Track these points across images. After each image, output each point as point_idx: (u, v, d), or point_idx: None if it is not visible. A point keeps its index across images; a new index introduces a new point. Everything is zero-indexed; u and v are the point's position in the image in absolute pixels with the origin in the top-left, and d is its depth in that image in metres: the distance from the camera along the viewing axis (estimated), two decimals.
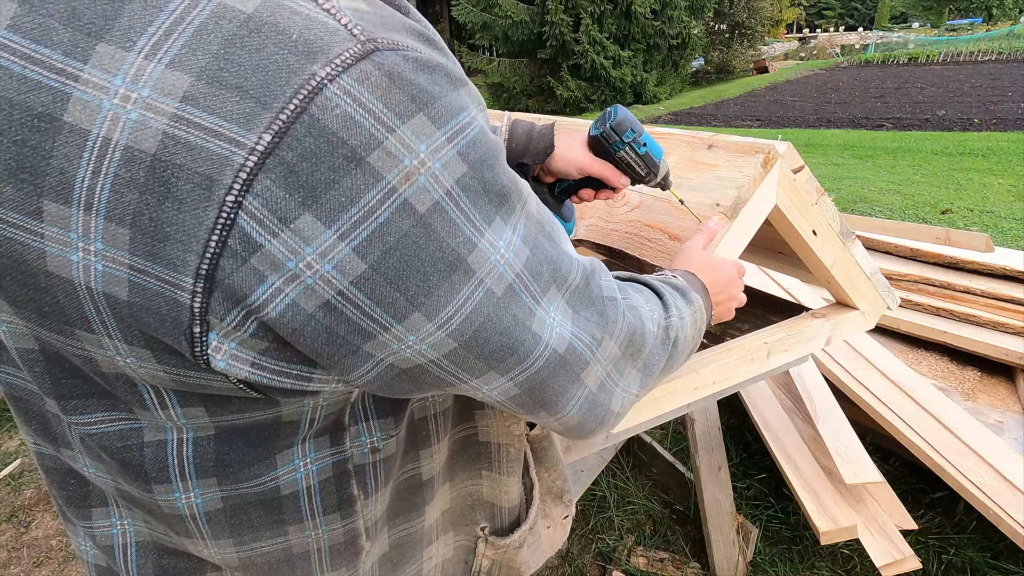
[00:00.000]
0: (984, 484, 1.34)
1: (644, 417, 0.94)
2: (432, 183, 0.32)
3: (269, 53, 0.29)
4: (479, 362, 0.39)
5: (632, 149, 0.74)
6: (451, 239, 0.34)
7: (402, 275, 0.33)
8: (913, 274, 2.09)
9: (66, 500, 0.50)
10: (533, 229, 0.40)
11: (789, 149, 0.87)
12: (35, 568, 1.76)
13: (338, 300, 0.32)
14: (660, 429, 2.18)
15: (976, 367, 1.86)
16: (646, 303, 0.54)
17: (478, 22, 14.51)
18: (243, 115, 0.29)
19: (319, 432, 0.46)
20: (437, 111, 0.32)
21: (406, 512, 0.58)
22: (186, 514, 0.44)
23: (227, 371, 0.34)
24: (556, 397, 0.45)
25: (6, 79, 0.29)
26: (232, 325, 0.32)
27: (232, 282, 0.31)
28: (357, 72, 0.30)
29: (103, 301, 0.32)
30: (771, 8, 19.37)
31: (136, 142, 0.29)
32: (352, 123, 0.30)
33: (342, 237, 0.31)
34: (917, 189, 5.17)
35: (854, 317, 1.10)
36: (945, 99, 10.90)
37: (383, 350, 0.36)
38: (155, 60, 0.29)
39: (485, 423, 0.63)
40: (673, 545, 1.72)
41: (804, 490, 1.40)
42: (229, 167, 0.29)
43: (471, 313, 0.36)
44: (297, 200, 0.30)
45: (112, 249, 0.30)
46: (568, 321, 0.43)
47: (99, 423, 0.41)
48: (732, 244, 0.86)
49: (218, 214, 0.29)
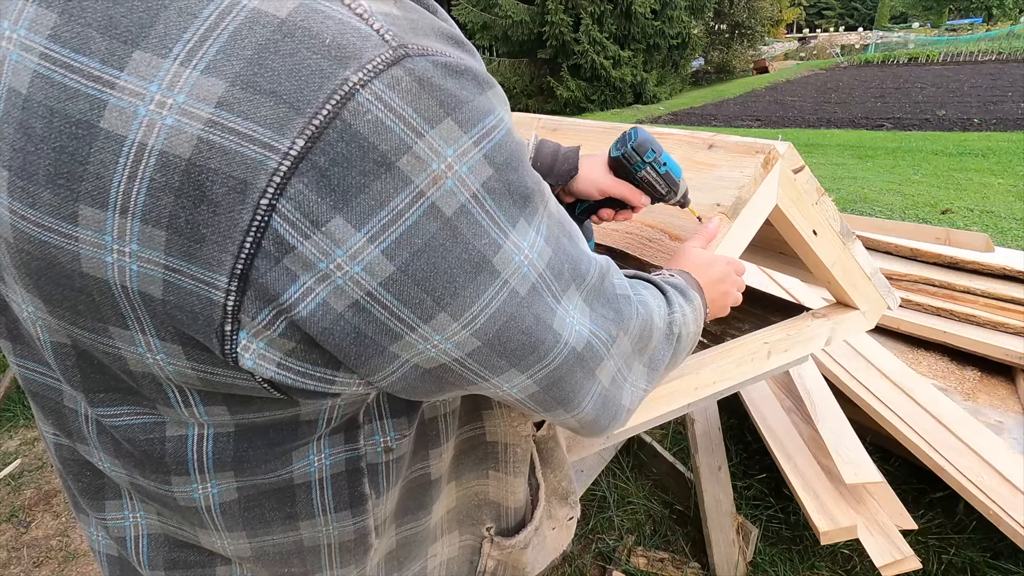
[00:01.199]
0: (984, 484, 1.34)
1: (644, 417, 0.94)
2: (459, 186, 0.33)
3: (303, 58, 0.30)
4: (501, 360, 0.40)
5: (653, 169, 0.75)
6: (477, 241, 0.35)
7: (429, 276, 0.34)
8: (913, 274, 2.09)
9: (81, 491, 0.51)
10: (555, 229, 0.41)
11: (789, 149, 0.87)
12: (35, 568, 1.76)
13: (367, 300, 0.33)
14: (660, 429, 2.18)
15: (976, 367, 1.86)
16: (653, 299, 0.55)
17: (478, 22, 14.51)
18: (277, 120, 0.29)
19: (334, 430, 0.47)
20: (465, 115, 0.33)
21: (414, 511, 0.59)
22: (202, 505, 0.46)
23: (254, 370, 0.35)
24: (573, 393, 0.46)
25: (48, 88, 0.30)
26: (263, 324, 0.33)
27: (265, 281, 0.32)
28: (388, 78, 0.31)
29: (138, 299, 0.33)
30: (771, 8, 19.38)
31: (171, 147, 0.29)
32: (383, 128, 0.30)
33: (371, 239, 0.32)
34: (917, 189, 5.18)
35: (854, 317, 1.10)
36: (945, 99, 10.90)
37: (409, 350, 0.36)
38: (190, 66, 0.30)
39: (493, 423, 0.63)
40: (673, 545, 1.72)
41: (804, 490, 1.41)
42: (263, 171, 0.30)
43: (495, 312, 0.37)
44: (329, 203, 0.30)
45: (148, 251, 0.31)
46: (586, 319, 0.44)
47: (124, 415, 0.42)
48: (732, 244, 0.86)
49: (252, 216, 0.30)
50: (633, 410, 0.54)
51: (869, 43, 25.37)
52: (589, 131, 1.18)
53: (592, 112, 13.67)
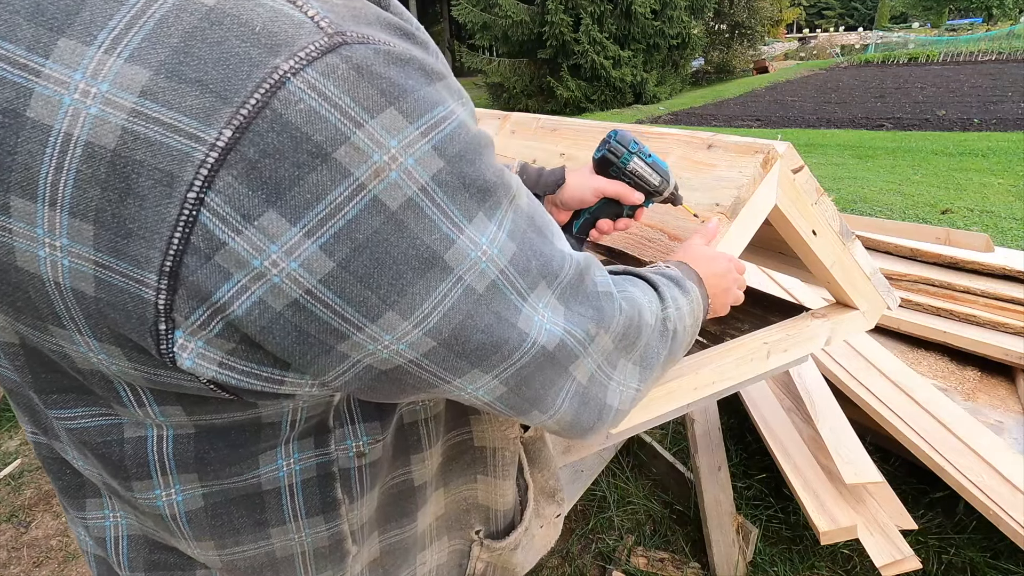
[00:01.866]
0: (984, 484, 1.34)
1: (644, 417, 0.94)
2: (404, 179, 0.32)
3: (231, 46, 0.29)
4: (461, 361, 0.38)
5: (640, 159, 0.76)
6: (426, 236, 0.33)
7: (373, 273, 0.32)
8: (913, 274, 2.09)
9: (62, 490, 0.50)
10: (522, 224, 0.39)
11: (789, 149, 0.87)
12: (35, 568, 1.76)
13: (307, 299, 0.32)
14: (660, 429, 2.18)
15: (976, 367, 1.86)
16: (643, 295, 0.53)
17: (478, 22, 14.50)
18: (203, 110, 0.28)
19: (303, 434, 0.46)
20: (409, 105, 0.32)
21: (398, 518, 0.57)
22: (166, 513, 0.44)
23: (194, 370, 0.34)
24: (544, 392, 0.44)
25: None
26: (198, 323, 0.32)
27: (196, 279, 0.30)
28: (323, 66, 0.29)
29: (71, 297, 0.32)
30: (771, 8, 19.37)
31: (96, 137, 0.28)
32: (317, 118, 0.29)
33: (308, 234, 0.30)
34: (917, 189, 5.17)
35: (854, 317, 1.10)
36: (945, 99, 10.89)
37: (358, 350, 0.35)
38: (115, 54, 0.29)
39: (480, 428, 0.62)
40: (673, 545, 1.72)
41: (804, 490, 1.40)
42: (190, 163, 0.28)
43: (449, 311, 0.35)
44: (261, 197, 0.29)
45: (77, 245, 0.30)
46: (559, 317, 0.42)
47: (79, 418, 0.41)
48: (732, 244, 0.86)
49: (179, 210, 0.29)
50: (626, 410, 0.53)
51: (869, 43, 25.37)
52: (589, 131, 1.18)
53: (592, 112, 13.67)
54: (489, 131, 1.46)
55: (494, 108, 3.84)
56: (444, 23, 25.24)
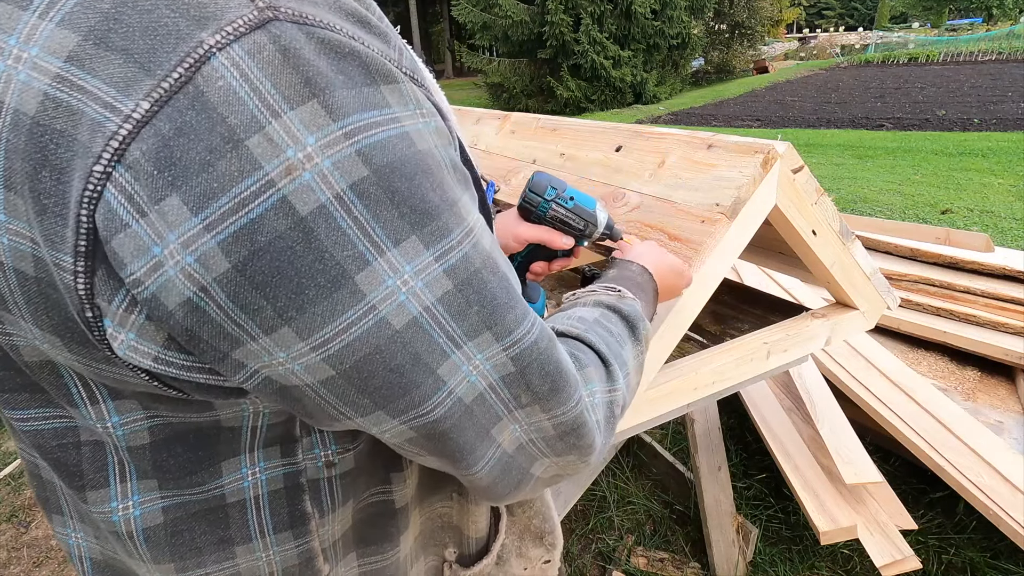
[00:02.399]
0: (984, 484, 1.34)
1: (644, 417, 0.94)
2: (318, 182, 0.28)
3: (160, 16, 0.27)
4: (363, 398, 0.34)
5: (559, 205, 0.72)
6: (337, 251, 0.30)
7: (270, 282, 0.29)
8: (913, 274, 2.09)
9: (38, 500, 0.47)
10: (476, 263, 0.35)
11: (789, 149, 0.87)
12: (35, 568, 1.76)
13: (200, 297, 0.29)
14: (660, 429, 2.18)
15: (976, 367, 1.86)
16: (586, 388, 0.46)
17: (478, 22, 14.50)
18: (124, 80, 0.27)
19: (268, 442, 0.43)
20: (337, 102, 0.29)
21: (379, 542, 0.54)
22: (122, 529, 0.41)
23: (129, 362, 0.32)
24: (461, 453, 0.39)
25: None
26: (122, 309, 0.30)
27: (108, 262, 0.28)
28: (249, 43, 0.27)
29: (14, 278, 0.30)
30: (771, 8, 19.37)
31: (22, 104, 0.27)
32: (236, 100, 0.27)
33: (208, 228, 0.27)
34: (917, 189, 5.17)
35: (854, 317, 1.10)
36: (945, 99, 10.90)
37: (254, 360, 0.32)
38: (47, 18, 0.27)
39: None
40: (673, 545, 1.72)
41: (804, 490, 1.40)
42: (101, 133, 0.26)
43: (354, 341, 0.31)
44: (167, 178, 0.27)
45: (14, 221, 0.29)
46: (498, 375, 0.37)
47: (32, 419, 0.38)
48: (732, 244, 0.86)
49: (85, 184, 0.27)
50: (546, 484, 0.47)
51: (869, 43, 25.37)
52: (589, 131, 1.18)
53: (592, 112, 13.66)
54: (489, 131, 1.46)
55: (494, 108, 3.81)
56: (444, 23, 25.25)
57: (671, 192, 0.93)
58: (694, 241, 0.84)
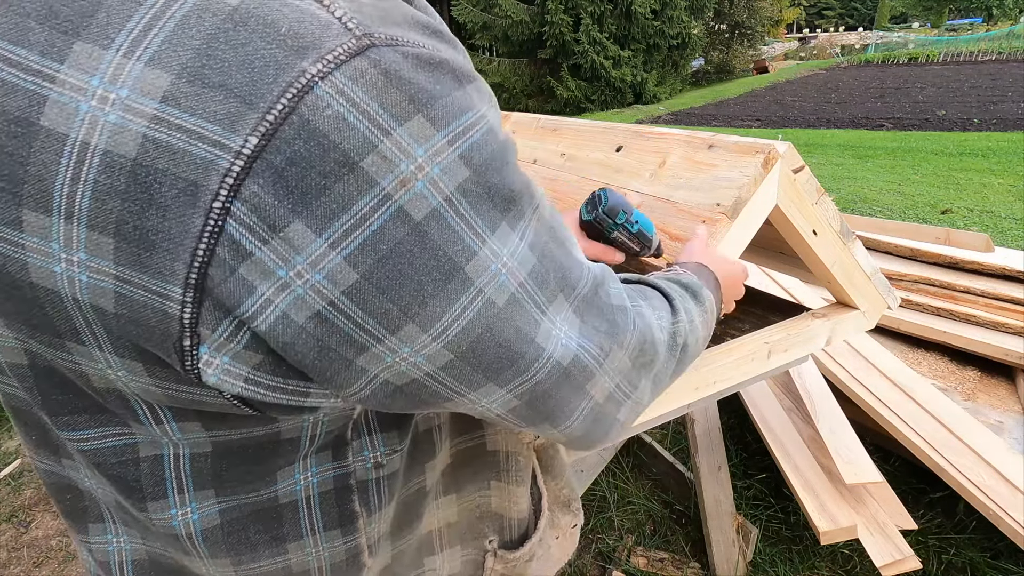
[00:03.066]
0: (984, 484, 1.34)
1: (644, 417, 0.94)
2: (430, 189, 0.31)
3: (255, 48, 0.27)
4: (476, 374, 0.37)
5: (625, 229, 0.75)
6: (448, 247, 0.32)
7: (395, 285, 0.31)
8: (913, 274, 2.09)
9: (64, 513, 0.49)
10: (544, 235, 0.38)
11: (789, 149, 0.87)
12: (35, 568, 1.76)
13: (329, 311, 0.31)
14: (660, 429, 2.18)
15: (976, 367, 1.86)
16: (654, 311, 0.51)
17: (478, 22, 14.51)
18: (227, 116, 0.27)
19: (322, 447, 0.45)
20: (438, 112, 0.31)
21: (409, 524, 0.57)
22: (182, 532, 0.43)
23: (219, 386, 0.33)
24: (559, 409, 0.43)
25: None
26: (224, 337, 0.31)
27: (222, 292, 0.29)
28: (351, 69, 0.28)
29: (91, 313, 0.31)
30: (771, 8, 19.38)
31: (115, 146, 0.27)
32: (345, 125, 0.28)
33: (333, 246, 0.29)
34: (917, 189, 5.17)
35: (854, 317, 1.10)
36: (945, 99, 10.90)
37: (377, 363, 0.34)
38: (133, 58, 0.27)
39: (493, 431, 0.61)
40: (673, 545, 1.72)
41: (804, 490, 1.40)
42: (215, 172, 0.27)
43: (468, 324, 0.34)
44: (287, 207, 0.28)
45: (96, 259, 0.29)
46: (575, 331, 0.41)
47: (92, 439, 0.40)
48: (732, 244, 0.86)
49: (205, 221, 0.28)
50: (630, 424, 0.52)
51: (869, 43, 25.38)
52: (590, 131, 1.18)
53: (592, 112, 13.67)
54: None
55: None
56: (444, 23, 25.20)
57: (672, 192, 0.93)
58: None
